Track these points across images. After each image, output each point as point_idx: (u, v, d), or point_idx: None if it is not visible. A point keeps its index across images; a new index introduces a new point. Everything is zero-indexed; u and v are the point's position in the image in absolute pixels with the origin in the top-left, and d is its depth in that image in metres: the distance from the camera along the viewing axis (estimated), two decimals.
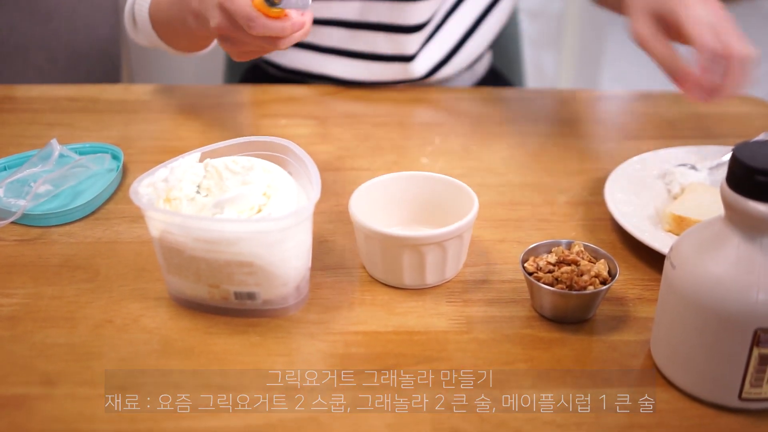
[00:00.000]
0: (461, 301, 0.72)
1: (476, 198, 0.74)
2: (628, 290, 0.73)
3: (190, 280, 0.69)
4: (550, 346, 0.67)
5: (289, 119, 1.06)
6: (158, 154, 0.97)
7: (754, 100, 1.12)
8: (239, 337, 0.68)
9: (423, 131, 1.02)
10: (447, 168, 0.94)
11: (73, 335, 0.68)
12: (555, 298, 0.68)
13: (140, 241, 0.80)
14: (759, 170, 0.53)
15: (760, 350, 0.57)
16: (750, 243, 0.56)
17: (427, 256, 0.71)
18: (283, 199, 0.69)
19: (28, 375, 0.64)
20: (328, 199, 0.86)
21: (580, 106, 1.12)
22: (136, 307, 0.71)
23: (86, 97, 1.11)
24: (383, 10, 1.08)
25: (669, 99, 1.15)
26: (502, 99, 1.14)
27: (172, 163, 0.71)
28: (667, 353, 0.63)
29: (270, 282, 0.68)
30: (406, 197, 0.79)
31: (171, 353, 0.66)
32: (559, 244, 0.72)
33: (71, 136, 1.00)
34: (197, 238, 0.66)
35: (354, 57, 1.12)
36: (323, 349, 0.67)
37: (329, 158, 0.96)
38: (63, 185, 0.86)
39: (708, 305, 0.57)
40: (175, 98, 1.12)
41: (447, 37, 1.14)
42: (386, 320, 0.70)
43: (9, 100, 1.11)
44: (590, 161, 0.96)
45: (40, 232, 0.81)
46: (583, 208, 0.86)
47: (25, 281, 0.74)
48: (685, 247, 0.59)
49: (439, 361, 0.65)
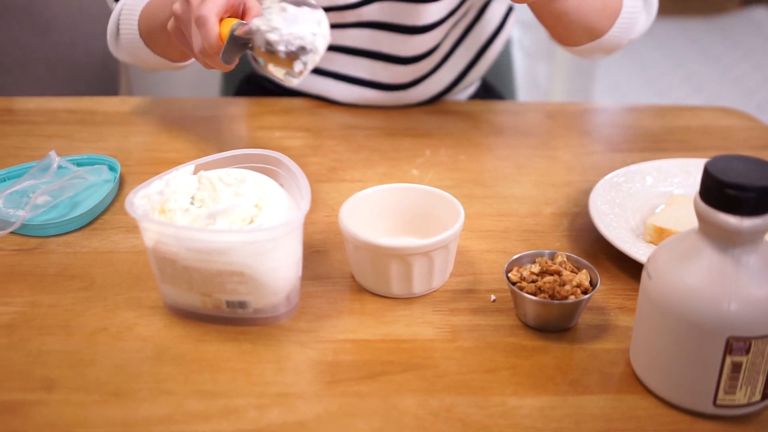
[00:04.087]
0: (447, 310, 0.74)
1: (462, 209, 0.76)
2: (609, 300, 0.75)
3: (184, 289, 0.71)
4: (533, 353, 0.69)
5: (284, 131, 1.08)
6: (154, 165, 0.99)
7: (737, 113, 1.14)
8: (231, 344, 0.70)
9: (414, 143, 1.04)
10: (436, 179, 0.96)
11: (70, 342, 0.70)
12: (538, 307, 0.70)
13: (135, 251, 0.82)
14: (729, 184, 0.56)
15: (732, 358, 0.59)
16: (722, 254, 0.58)
17: (414, 266, 0.73)
18: (274, 211, 0.71)
19: (25, 381, 0.66)
20: (320, 210, 0.88)
21: (568, 119, 1.15)
22: (130, 315, 0.73)
23: (84, 109, 1.13)
24: (386, 40, 1.10)
25: (654, 112, 1.17)
26: (492, 112, 1.16)
27: (167, 176, 0.73)
28: (645, 361, 0.65)
29: (261, 291, 0.70)
30: (395, 208, 0.81)
31: (164, 360, 0.68)
32: (542, 254, 0.75)
33: (69, 147, 1.02)
34: (190, 248, 0.68)
35: (353, 83, 1.14)
36: (313, 356, 0.69)
37: (322, 170, 0.98)
38: (61, 196, 0.88)
39: (682, 314, 0.59)
40: (171, 110, 1.14)
41: (448, 69, 1.16)
42: (374, 329, 0.72)
43: (8, 112, 1.13)
44: (576, 173, 0.98)
45: (38, 242, 0.83)
46: (568, 219, 0.88)
47: (22, 290, 0.76)
48: (661, 258, 0.62)
49: (425, 369, 0.67)
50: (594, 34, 0.99)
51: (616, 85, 3.41)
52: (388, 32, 1.09)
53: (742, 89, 3.34)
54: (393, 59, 1.11)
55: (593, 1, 0.94)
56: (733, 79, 3.45)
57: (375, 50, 1.11)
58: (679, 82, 3.45)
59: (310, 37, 0.73)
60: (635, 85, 3.43)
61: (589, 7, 0.94)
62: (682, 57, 3.67)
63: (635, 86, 3.42)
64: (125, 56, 1.06)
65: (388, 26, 1.08)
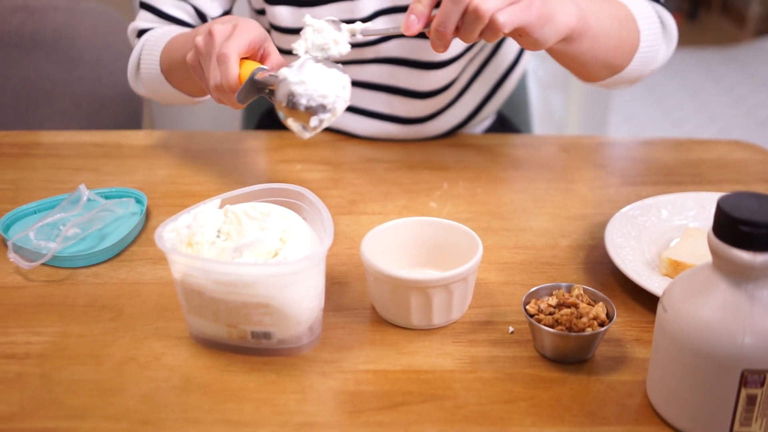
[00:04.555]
0: (466, 342, 0.76)
1: (480, 243, 0.78)
2: (626, 332, 0.77)
3: (210, 320, 0.73)
4: (551, 385, 0.70)
5: (305, 164, 1.10)
6: (179, 197, 1.02)
7: (750, 147, 1.16)
8: (255, 374, 0.72)
9: (432, 176, 1.07)
10: (454, 212, 0.98)
11: (99, 372, 0.72)
12: (555, 339, 0.71)
13: (162, 282, 0.84)
14: (742, 220, 0.57)
15: (747, 390, 0.60)
16: (736, 288, 0.60)
17: (434, 298, 0.75)
18: (298, 244, 0.73)
19: (57, 409, 0.68)
20: (341, 242, 0.90)
21: (583, 152, 1.16)
22: (158, 345, 0.75)
23: (110, 143, 1.17)
24: (404, 75, 1.12)
25: (668, 146, 1.19)
26: (508, 145, 1.18)
27: (195, 210, 0.75)
28: (661, 393, 0.66)
29: (285, 322, 0.72)
30: (415, 241, 0.83)
31: (191, 389, 0.70)
32: (559, 287, 0.76)
33: (96, 180, 1.05)
34: (217, 280, 0.70)
35: (372, 117, 1.17)
36: (335, 386, 0.71)
37: (342, 202, 1.00)
38: (90, 228, 0.91)
39: (697, 347, 0.60)
40: (195, 144, 1.17)
41: (465, 103, 1.19)
42: (395, 359, 0.73)
43: (36, 146, 1.16)
44: (592, 206, 1.00)
45: (67, 274, 0.86)
46: (584, 251, 0.90)
47: (54, 320, 0.79)
48: (676, 291, 0.63)
49: (444, 399, 0.69)
50: (613, 69, 1.01)
51: (631, 115, 3.43)
52: (406, 68, 1.11)
53: (756, 119, 3.36)
54: (411, 94, 1.14)
55: (608, 40, 0.95)
56: (747, 109, 3.46)
57: (393, 85, 1.14)
58: (693, 112, 3.47)
59: (332, 97, 0.76)
60: (650, 116, 3.45)
61: (605, 46, 0.95)
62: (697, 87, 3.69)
63: (650, 116, 3.44)
64: (144, 90, 1.10)
65: (406, 62, 1.11)
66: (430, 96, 1.14)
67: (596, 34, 0.91)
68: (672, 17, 1.06)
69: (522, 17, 0.77)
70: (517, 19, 0.77)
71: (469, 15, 0.76)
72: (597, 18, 0.91)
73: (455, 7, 0.76)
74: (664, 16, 1.04)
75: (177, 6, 1.08)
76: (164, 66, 1.03)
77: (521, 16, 0.77)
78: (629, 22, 0.99)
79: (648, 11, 1.02)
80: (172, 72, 1.03)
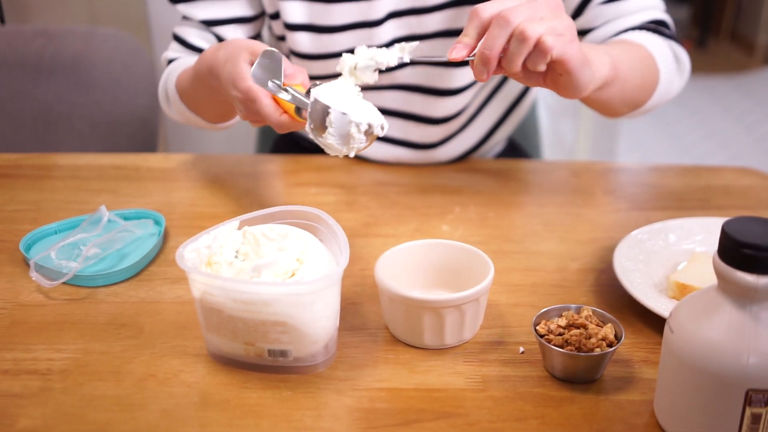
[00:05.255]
0: (478, 361, 0.77)
1: (492, 264, 0.80)
2: (634, 353, 0.78)
3: (228, 338, 0.75)
4: (561, 404, 0.72)
5: (319, 188, 1.13)
6: (196, 219, 1.04)
7: (756, 173, 1.18)
8: (272, 391, 0.74)
9: (444, 200, 1.09)
10: (466, 235, 1.00)
11: (119, 388, 0.74)
12: (565, 359, 0.73)
13: (180, 301, 0.86)
14: (746, 244, 0.59)
15: (752, 410, 0.62)
16: (741, 310, 0.61)
17: (446, 318, 0.77)
18: (314, 265, 0.75)
19: (78, 424, 0.70)
20: (355, 264, 0.92)
21: (593, 177, 1.18)
22: (176, 362, 0.77)
23: (129, 165, 1.19)
24: (419, 102, 1.15)
25: (676, 172, 1.21)
26: (519, 170, 1.20)
27: (214, 230, 0.78)
28: (668, 412, 0.68)
29: (301, 340, 0.74)
30: (428, 263, 0.85)
31: (209, 406, 0.72)
32: (569, 308, 0.78)
33: (116, 202, 1.07)
34: (236, 299, 0.72)
35: (386, 142, 1.19)
36: (349, 404, 0.72)
37: (357, 225, 1.02)
38: (110, 248, 0.93)
39: (703, 367, 0.62)
40: (212, 167, 1.19)
41: (476, 129, 1.21)
42: (408, 378, 0.75)
43: (57, 168, 1.19)
44: (601, 230, 1.02)
45: (88, 292, 0.88)
46: (594, 274, 0.92)
47: (75, 338, 0.81)
48: (682, 313, 0.65)
49: (456, 417, 0.70)
50: (635, 107, 1.05)
51: (641, 142, 3.45)
52: (420, 94, 1.14)
53: (765, 147, 3.37)
54: (424, 120, 1.16)
55: (633, 82, 0.98)
56: (756, 136, 3.48)
57: (408, 111, 1.16)
58: (702, 139, 3.49)
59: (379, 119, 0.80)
60: (659, 143, 3.47)
61: (631, 88, 0.99)
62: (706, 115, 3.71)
63: (659, 144, 3.46)
64: (176, 116, 1.13)
65: (421, 89, 1.13)
66: (442, 122, 1.16)
67: (624, 79, 0.94)
68: (685, 51, 1.09)
69: (566, 48, 0.78)
70: (561, 48, 0.77)
71: (515, 38, 0.77)
72: (624, 63, 0.94)
73: (502, 31, 0.77)
74: (678, 51, 1.08)
75: (201, 36, 1.12)
76: (182, 97, 1.07)
77: (565, 48, 0.78)
78: (650, 62, 1.02)
79: (663, 48, 1.05)
80: (190, 103, 1.07)
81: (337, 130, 0.78)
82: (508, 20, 0.76)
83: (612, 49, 0.93)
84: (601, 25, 1.06)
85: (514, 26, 0.76)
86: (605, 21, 1.06)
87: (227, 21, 1.11)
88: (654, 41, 1.04)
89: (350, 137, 0.78)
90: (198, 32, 1.12)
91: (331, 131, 0.78)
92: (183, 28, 1.13)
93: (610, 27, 1.06)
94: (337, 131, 0.78)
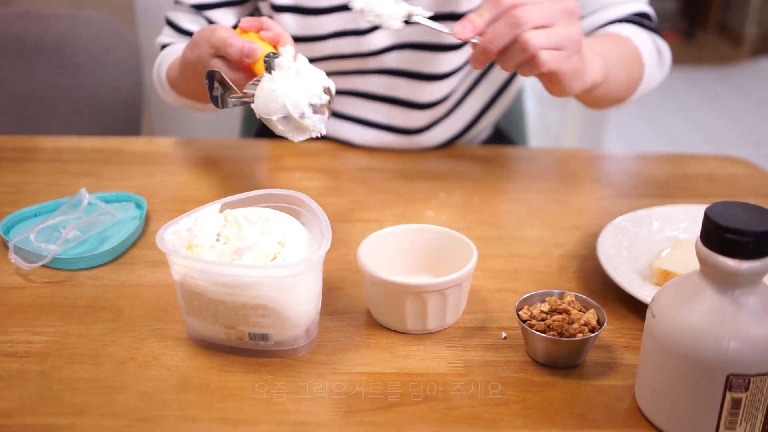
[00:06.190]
0: (460, 346, 0.77)
1: (475, 250, 0.80)
2: (616, 338, 0.78)
3: (208, 321, 0.74)
4: (542, 388, 0.72)
5: (303, 173, 1.12)
6: (178, 203, 1.03)
7: (741, 162, 1.18)
8: (252, 375, 0.73)
9: (429, 186, 1.08)
10: (450, 221, 0.99)
11: (99, 371, 0.73)
12: (547, 344, 0.73)
13: (161, 285, 0.86)
14: (728, 229, 0.59)
15: (732, 394, 0.62)
16: (722, 295, 0.61)
17: (428, 303, 0.76)
18: (296, 248, 0.74)
19: (57, 407, 0.69)
20: (338, 248, 0.92)
21: (578, 165, 1.18)
22: (156, 346, 0.77)
23: (111, 148, 1.18)
24: (404, 86, 1.15)
25: (661, 160, 1.21)
26: (505, 157, 1.20)
27: (195, 213, 0.77)
28: (649, 397, 0.68)
29: (282, 324, 0.73)
30: (411, 248, 0.85)
31: (189, 389, 0.71)
32: (551, 294, 0.78)
33: (97, 185, 1.06)
34: (217, 282, 0.71)
35: (371, 126, 1.19)
36: (330, 387, 0.72)
37: (340, 210, 1.02)
38: (90, 231, 0.92)
39: (684, 352, 0.62)
40: (195, 151, 1.18)
41: (462, 115, 1.21)
42: (390, 362, 0.75)
43: (38, 151, 1.17)
44: (585, 217, 1.02)
45: (68, 275, 0.87)
46: (577, 261, 0.92)
47: (54, 320, 0.80)
48: (664, 298, 0.65)
49: (438, 401, 0.70)
50: (617, 102, 1.07)
51: (627, 133, 3.46)
52: (406, 79, 1.13)
53: (751, 139, 3.38)
54: (410, 105, 1.16)
55: (621, 79, 1.00)
56: (743, 129, 3.49)
57: (393, 96, 1.16)
58: (689, 131, 3.50)
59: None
60: (646, 134, 3.47)
61: (617, 86, 1.00)
62: (693, 107, 3.72)
63: (646, 135, 3.47)
64: (171, 99, 1.14)
65: (407, 73, 1.13)
66: (428, 107, 1.16)
67: (613, 80, 0.95)
68: (667, 44, 1.11)
69: (560, 65, 0.80)
70: (556, 65, 0.79)
71: (516, 44, 0.78)
72: (614, 63, 0.95)
73: (509, 31, 0.77)
74: (660, 45, 1.10)
75: (193, 21, 1.13)
76: (173, 85, 1.08)
77: (560, 64, 0.80)
78: (636, 58, 1.04)
79: (648, 43, 1.07)
80: (182, 90, 1.08)
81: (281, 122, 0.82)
82: (518, 23, 0.77)
83: (603, 46, 0.95)
84: (589, 14, 1.08)
85: (520, 31, 0.77)
86: (592, 11, 1.08)
87: (217, 4, 1.12)
88: (640, 36, 1.06)
89: (301, 127, 0.81)
90: (189, 17, 1.13)
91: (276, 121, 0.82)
92: (175, 13, 1.14)
93: (597, 17, 1.07)
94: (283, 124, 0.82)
